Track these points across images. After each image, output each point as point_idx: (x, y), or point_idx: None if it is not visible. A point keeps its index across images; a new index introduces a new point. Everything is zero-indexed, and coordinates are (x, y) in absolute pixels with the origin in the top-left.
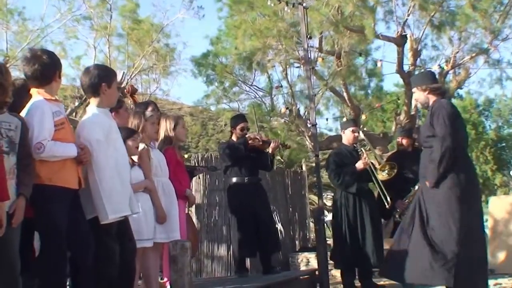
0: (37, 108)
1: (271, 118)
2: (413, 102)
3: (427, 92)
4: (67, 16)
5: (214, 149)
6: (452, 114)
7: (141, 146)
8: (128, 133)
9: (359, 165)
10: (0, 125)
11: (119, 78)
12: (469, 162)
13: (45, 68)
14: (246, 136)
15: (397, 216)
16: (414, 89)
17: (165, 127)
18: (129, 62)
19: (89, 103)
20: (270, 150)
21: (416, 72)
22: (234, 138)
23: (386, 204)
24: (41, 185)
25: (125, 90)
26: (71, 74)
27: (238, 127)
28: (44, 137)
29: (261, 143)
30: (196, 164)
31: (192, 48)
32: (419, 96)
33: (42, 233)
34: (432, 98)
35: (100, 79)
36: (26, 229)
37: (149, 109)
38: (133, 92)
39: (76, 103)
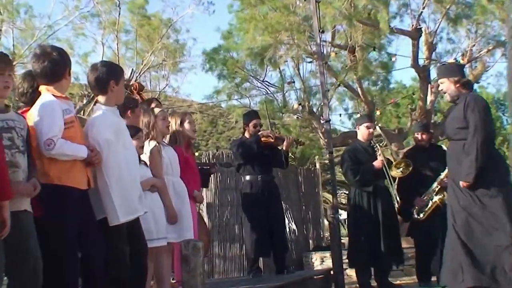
0: (47, 106)
1: (283, 115)
2: (429, 98)
3: (458, 85)
4: (75, 13)
5: (225, 147)
6: (486, 108)
7: (152, 144)
8: (132, 132)
9: (378, 164)
10: (14, 124)
11: (127, 75)
12: (501, 155)
13: (55, 65)
14: (259, 133)
15: (414, 213)
16: (443, 80)
17: (171, 125)
18: (138, 59)
19: (97, 101)
20: (284, 147)
21: (432, 66)
22: (246, 135)
23: (396, 203)
24: (51, 184)
25: (132, 88)
26: (78, 72)
27: (251, 123)
28: (54, 134)
29: (274, 140)
30: (207, 161)
31: (203, 43)
32: (449, 87)
33: (52, 234)
34: (462, 91)
35: (108, 76)
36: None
37: (153, 105)
38: (140, 89)
39: (84, 101)
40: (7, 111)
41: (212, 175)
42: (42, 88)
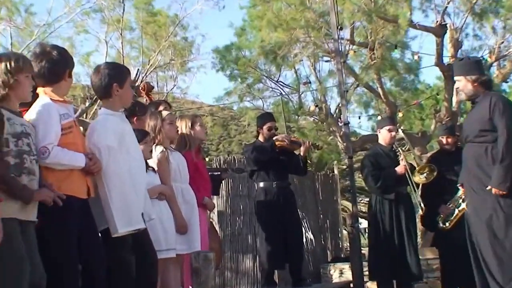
0: (43, 110)
1: (299, 117)
2: (454, 98)
3: (476, 84)
4: (76, 9)
5: (237, 152)
6: None
7: (160, 149)
8: (139, 137)
9: (400, 169)
10: (30, 130)
11: (133, 76)
12: None
13: (54, 65)
14: (274, 137)
15: (440, 222)
16: (459, 77)
17: (181, 128)
18: (144, 58)
19: (100, 103)
20: (301, 152)
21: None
22: (260, 139)
23: (420, 210)
24: None
25: (140, 88)
26: (80, 72)
27: (265, 126)
28: (50, 141)
29: (289, 144)
30: (218, 167)
31: (212, 40)
32: (466, 86)
33: (51, 245)
34: (480, 91)
35: (111, 79)
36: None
37: (161, 107)
38: (149, 90)
39: (87, 104)
40: (21, 116)
41: (223, 182)
42: (40, 90)
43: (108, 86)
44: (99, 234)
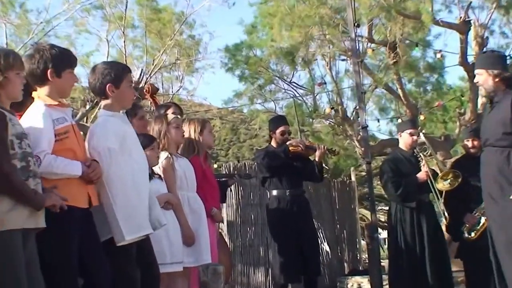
0: (35, 117)
1: (314, 120)
2: (480, 100)
3: (497, 79)
4: (76, 6)
5: (247, 157)
6: None
7: (164, 154)
8: (145, 142)
9: (422, 176)
10: (23, 127)
11: (136, 77)
12: None
13: (48, 64)
14: (288, 142)
15: (465, 232)
16: (481, 71)
17: (189, 132)
18: (148, 58)
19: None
20: (316, 157)
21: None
22: (273, 144)
23: (444, 219)
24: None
25: (144, 90)
26: (80, 73)
27: (278, 131)
28: (41, 149)
29: (304, 149)
30: (227, 173)
31: (221, 39)
32: (486, 81)
33: (49, 259)
34: (501, 88)
35: (104, 79)
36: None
37: (170, 111)
38: (154, 92)
39: (87, 107)
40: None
41: (232, 190)
42: (35, 94)
43: (102, 87)
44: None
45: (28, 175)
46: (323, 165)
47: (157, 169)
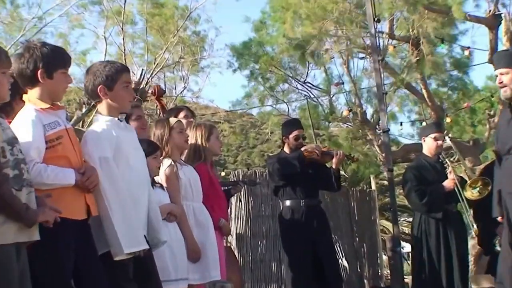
0: (23, 123)
1: (330, 124)
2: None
3: None
4: (71, 1)
5: (258, 164)
6: None
7: (167, 162)
8: (149, 149)
9: (449, 184)
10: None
11: (136, 77)
12: None
13: (39, 64)
14: (302, 147)
15: (496, 245)
16: (507, 69)
17: (195, 138)
18: (149, 56)
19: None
20: (333, 164)
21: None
22: (286, 149)
23: (473, 231)
24: None
25: (150, 92)
26: (75, 73)
27: (292, 135)
28: (30, 158)
29: (320, 155)
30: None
31: (228, 35)
32: None
33: (41, 274)
34: None
35: (96, 81)
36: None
37: (181, 115)
38: (160, 94)
39: (84, 110)
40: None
41: (242, 200)
42: (25, 97)
43: (95, 89)
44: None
45: (22, 184)
46: (341, 172)
47: (159, 178)
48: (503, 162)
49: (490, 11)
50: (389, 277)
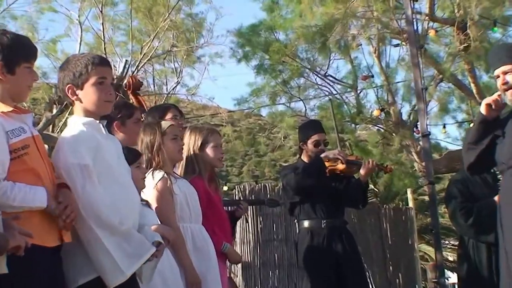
0: None
1: (357, 126)
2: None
3: None
4: None
5: (268, 176)
6: None
7: (159, 175)
8: (130, 158)
9: None
10: None
11: (119, 70)
12: None
13: None
14: (323, 154)
15: None
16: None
17: (188, 146)
18: (135, 44)
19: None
20: (361, 176)
21: None
22: (304, 158)
23: None
24: None
25: (124, 86)
26: (43, 66)
27: (310, 141)
28: None
29: (345, 165)
30: (241, 199)
31: (231, 18)
32: None
33: None
34: None
35: (65, 79)
36: None
37: (168, 116)
38: (136, 87)
39: (54, 111)
40: None
41: (249, 221)
42: None
43: (64, 88)
44: None
45: None
46: (369, 186)
47: (144, 195)
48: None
49: None
50: None
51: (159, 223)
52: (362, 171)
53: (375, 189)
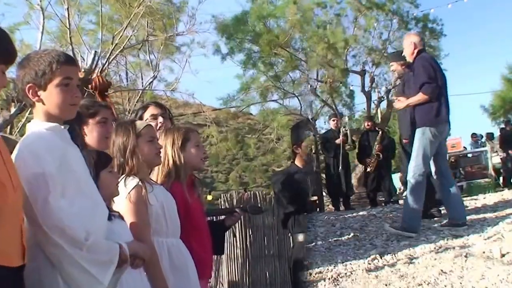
0: None
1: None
2: None
3: None
4: None
5: (259, 183)
6: None
7: (133, 182)
8: (100, 162)
9: None
10: None
11: (87, 63)
12: None
13: None
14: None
15: None
16: None
17: (164, 148)
18: (106, 33)
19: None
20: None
21: None
22: (297, 162)
23: None
24: None
25: (90, 87)
26: None
27: (305, 143)
28: None
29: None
30: (226, 207)
31: (215, 3)
32: None
33: None
34: None
35: (25, 78)
36: None
37: (147, 114)
38: (103, 88)
39: (13, 110)
40: None
41: (237, 234)
42: None
43: (23, 88)
44: None
45: None
46: None
47: (116, 205)
48: None
49: None
50: None
51: (132, 237)
52: None
53: None
